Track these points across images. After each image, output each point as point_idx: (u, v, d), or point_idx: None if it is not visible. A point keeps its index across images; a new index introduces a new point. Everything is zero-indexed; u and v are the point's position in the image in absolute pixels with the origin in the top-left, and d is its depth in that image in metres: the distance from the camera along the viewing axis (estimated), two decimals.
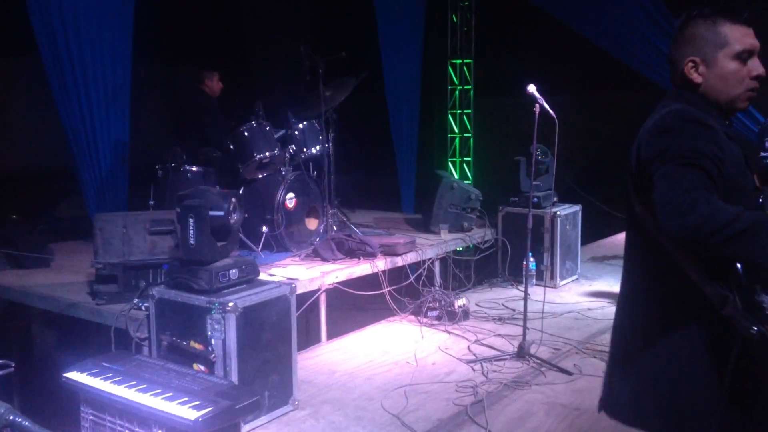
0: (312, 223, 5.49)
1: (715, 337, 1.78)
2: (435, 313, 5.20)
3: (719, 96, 1.89)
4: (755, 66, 1.87)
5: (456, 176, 9.36)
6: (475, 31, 9.19)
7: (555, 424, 3.58)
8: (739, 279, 1.70)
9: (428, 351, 4.63)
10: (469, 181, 9.45)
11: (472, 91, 9.44)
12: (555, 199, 6.20)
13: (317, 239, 5.45)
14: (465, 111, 9.48)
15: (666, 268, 1.82)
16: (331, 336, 4.88)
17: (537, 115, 4.24)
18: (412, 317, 5.27)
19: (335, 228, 5.71)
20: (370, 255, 5.09)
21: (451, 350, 4.62)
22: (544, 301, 4.72)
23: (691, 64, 1.88)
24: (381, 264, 5.11)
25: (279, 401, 3.67)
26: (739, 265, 1.71)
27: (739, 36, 1.86)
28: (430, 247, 5.66)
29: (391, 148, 8.99)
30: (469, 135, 9.55)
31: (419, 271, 5.44)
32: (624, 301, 2.01)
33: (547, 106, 4.20)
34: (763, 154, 5.23)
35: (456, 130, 9.49)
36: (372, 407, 3.77)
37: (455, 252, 6.06)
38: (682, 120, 1.80)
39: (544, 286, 5.72)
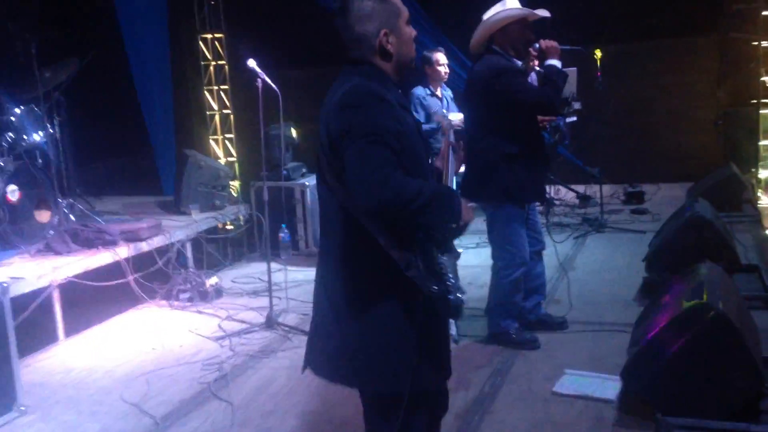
0: (43, 216, 5.08)
1: (406, 296, 1.92)
2: (187, 295, 5.12)
3: (404, 60, 2.02)
4: (412, 29, 2.05)
5: (220, 154, 9.22)
6: (224, 4, 9.01)
7: (295, 385, 3.72)
8: (421, 244, 1.88)
9: (177, 334, 4.56)
10: (233, 158, 9.36)
11: (227, 66, 9.28)
12: (304, 170, 6.36)
13: (51, 232, 5.07)
14: (222, 87, 9.31)
15: (360, 234, 1.92)
16: (70, 333, 4.60)
17: (260, 89, 4.29)
18: (163, 302, 5.14)
19: (74, 219, 5.36)
20: (110, 243, 4.86)
21: (200, 330, 4.59)
22: (285, 269, 4.86)
23: (385, 37, 1.97)
24: (123, 251, 4.90)
25: (1, 409, 3.41)
26: (419, 232, 1.88)
27: (400, 4, 2.01)
28: (179, 228, 5.54)
29: (146, 129, 8.59)
30: (229, 111, 9.40)
31: (168, 255, 5.30)
32: (325, 265, 2.07)
33: (268, 80, 4.26)
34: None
35: (215, 106, 9.29)
36: (109, 400, 3.65)
37: (209, 231, 5.99)
38: (365, 95, 1.90)
39: (298, 255, 5.89)
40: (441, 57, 5.57)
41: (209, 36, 9.04)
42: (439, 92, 5.70)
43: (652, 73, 8.86)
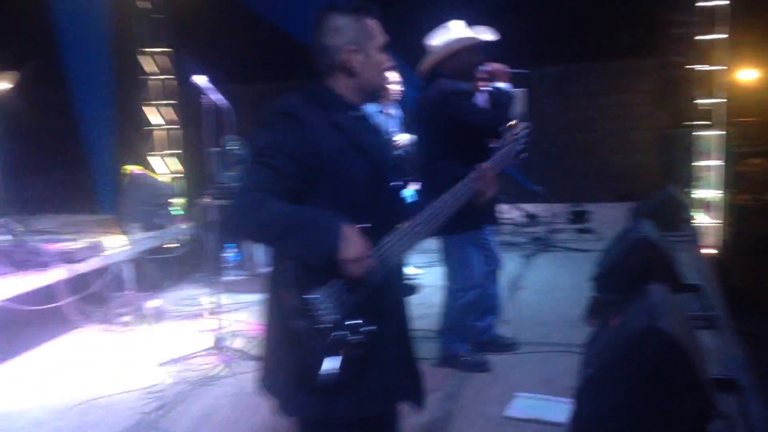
0: None
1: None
2: (125, 318, 4.91)
3: (370, 83, 2.00)
4: (387, 58, 2.02)
5: (164, 171, 8.95)
6: (170, 17, 8.81)
7: (239, 414, 3.58)
8: (291, 272, 1.77)
9: (114, 360, 4.36)
10: (179, 175, 9.11)
11: (175, 81, 9.04)
12: None
13: None
14: (168, 102, 9.06)
15: (276, 255, 1.92)
16: None
17: (205, 105, 4.17)
18: (100, 327, 4.91)
19: (10, 238, 5.08)
20: (43, 265, 4.62)
21: (140, 356, 4.39)
22: (232, 292, 4.70)
23: (351, 54, 1.94)
24: (58, 273, 4.67)
25: None
26: (288, 261, 1.78)
27: (379, 30, 1.99)
28: (119, 248, 5.33)
29: (83, 145, 8.30)
30: (176, 127, 9.15)
31: (105, 276, 5.08)
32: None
33: (213, 98, 4.16)
34: None
35: (159, 122, 9.03)
36: None
37: (151, 251, 5.78)
38: (274, 113, 1.89)
39: (244, 276, 5.73)
40: (392, 75, 5.53)
41: (154, 50, 8.81)
42: (391, 111, 5.66)
43: (593, 93, 9.10)
